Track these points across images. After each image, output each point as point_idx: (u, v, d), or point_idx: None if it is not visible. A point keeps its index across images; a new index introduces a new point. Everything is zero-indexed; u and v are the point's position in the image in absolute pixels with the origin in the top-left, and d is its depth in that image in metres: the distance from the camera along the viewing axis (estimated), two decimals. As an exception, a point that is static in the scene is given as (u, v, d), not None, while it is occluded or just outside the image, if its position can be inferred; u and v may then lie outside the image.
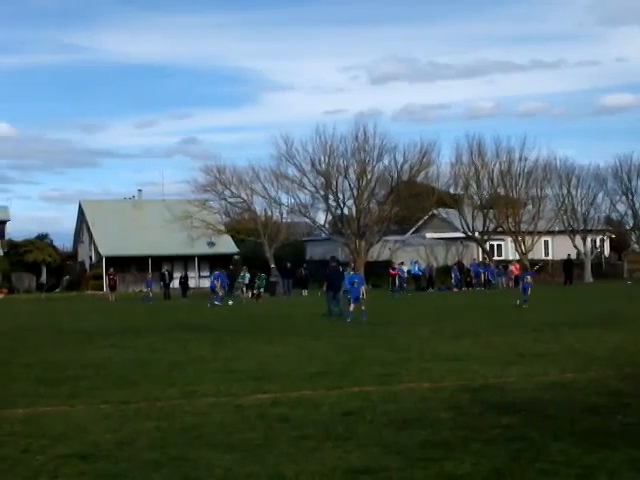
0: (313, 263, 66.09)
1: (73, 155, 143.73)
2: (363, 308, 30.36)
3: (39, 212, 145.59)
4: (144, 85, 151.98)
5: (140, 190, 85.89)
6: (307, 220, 73.52)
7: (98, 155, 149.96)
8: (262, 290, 48.86)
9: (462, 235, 70.30)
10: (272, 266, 59.48)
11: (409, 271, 60.18)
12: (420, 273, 60.88)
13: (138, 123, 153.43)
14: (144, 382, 15.18)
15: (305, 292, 57.30)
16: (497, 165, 71.10)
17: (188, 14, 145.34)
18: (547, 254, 75.15)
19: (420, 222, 76.98)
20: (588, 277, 68.62)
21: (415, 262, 62.01)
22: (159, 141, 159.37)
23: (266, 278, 48.78)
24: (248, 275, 51.27)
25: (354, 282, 31.42)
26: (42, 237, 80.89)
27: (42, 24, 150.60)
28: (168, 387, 14.42)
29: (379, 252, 68.75)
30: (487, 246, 70.43)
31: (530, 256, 69.05)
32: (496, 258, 70.26)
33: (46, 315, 39.32)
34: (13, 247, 76.30)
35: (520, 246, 69.60)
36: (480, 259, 67.58)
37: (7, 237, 79.17)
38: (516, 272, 59.47)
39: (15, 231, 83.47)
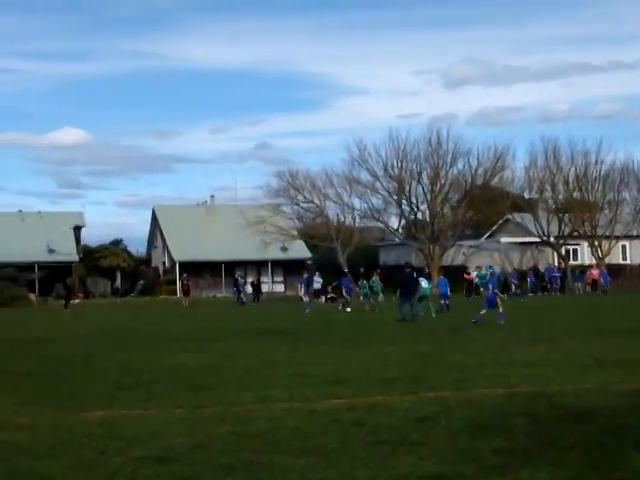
0: (386, 268, 65.87)
1: (147, 161, 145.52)
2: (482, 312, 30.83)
3: (114, 218, 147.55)
4: (218, 91, 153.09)
5: (213, 195, 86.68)
6: (380, 225, 73.40)
7: (172, 161, 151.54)
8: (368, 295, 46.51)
9: (537, 240, 69.54)
10: (345, 271, 59.34)
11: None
12: (495, 278, 60.28)
13: (212, 128, 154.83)
14: (218, 387, 15.24)
15: (381, 297, 57.12)
16: (572, 169, 70.19)
17: (262, 19, 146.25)
18: (625, 259, 74.00)
19: (494, 227, 76.33)
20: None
21: (490, 267, 61.48)
22: (233, 146, 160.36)
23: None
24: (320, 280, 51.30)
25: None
26: (117, 242, 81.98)
27: (115, 33, 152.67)
28: (242, 392, 14.44)
29: (453, 257, 68.31)
30: (562, 251, 69.55)
31: (607, 261, 68.07)
32: (572, 263, 69.35)
33: (121, 320, 39.78)
34: (88, 253, 77.41)
35: (597, 251, 68.62)
36: (556, 264, 66.77)
37: (82, 243, 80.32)
38: (595, 277, 58.70)
39: (90, 237, 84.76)
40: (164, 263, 78.65)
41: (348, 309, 42.33)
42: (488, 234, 76.88)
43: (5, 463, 9.49)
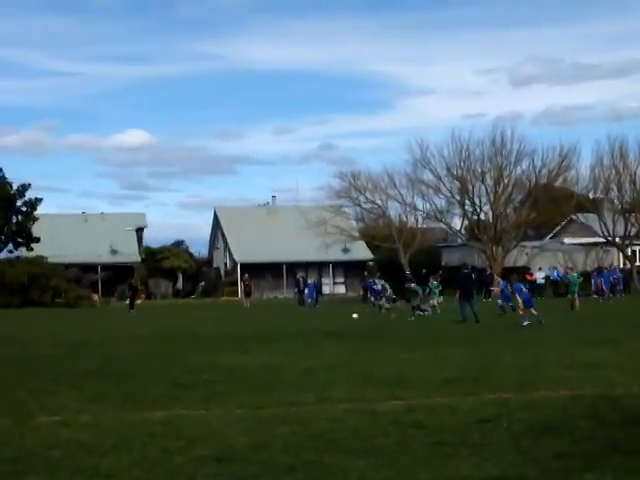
0: (449, 269, 65.50)
1: (210, 162, 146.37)
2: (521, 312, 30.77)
3: (176, 219, 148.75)
4: (282, 92, 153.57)
5: (274, 196, 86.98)
6: (443, 226, 73.04)
7: (235, 162, 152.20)
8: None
9: (602, 240, 68.60)
10: (407, 272, 59.16)
11: (547, 277, 59.17)
12: (559, 279, 59.69)
13: (275, 130, 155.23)
14: (279, 387, 15.27)
15: (441, 298, 56.77)
16: (640, 167, 68.87)
17: (325, 19, 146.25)
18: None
19: (558, 227, 75.44)
20: None
21: (553, 268, 60.91)
22: (296, 147, 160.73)
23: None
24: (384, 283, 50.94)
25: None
26: (178, 244, 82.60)
27: (179, 35, 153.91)
28: (302, 392, 14.45)
29: (516, 258, 67.72)
30: (629, 251, 68.51)
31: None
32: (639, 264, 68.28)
33: (183, 320, 40.06)
34: (150, 254, 78.10)
35: (665, 251, 67.48)
36: (621, 265, 65.84)
37: (145, 244, 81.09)
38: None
39: (152, 238, 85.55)
40: (226, 264, 79.06)
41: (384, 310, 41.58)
42: (552, 235, 75.99)
43: (70, 460, 9.61)
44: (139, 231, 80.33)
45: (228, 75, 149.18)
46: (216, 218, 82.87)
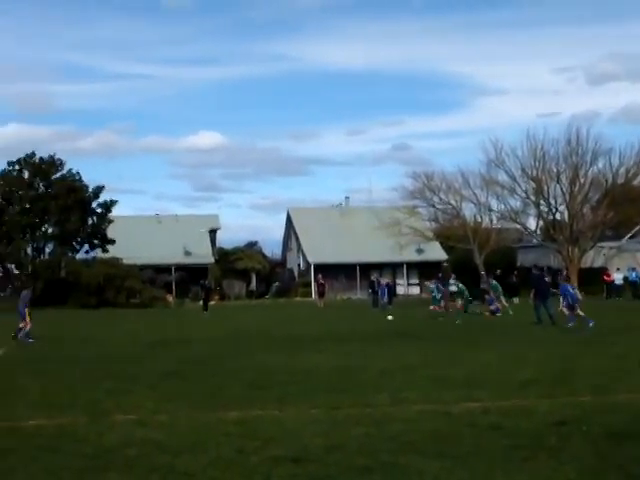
0: (524, 270, 64.78)
1: (283, 163, 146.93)
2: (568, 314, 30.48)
3: (249, 220, 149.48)
4: (354, 92, 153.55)
5: (348, 197, 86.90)
6: (518, 226, 72.25)
7: (308, 163, 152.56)
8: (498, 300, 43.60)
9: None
10: (482, 273, 58.72)
11: (626, 278, 58.20)
12: (638, 280, 58.68)
13: (349, 130, 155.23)
14: (353, 388, 15.23)
15: (516, 300, 56.24)
16: None
17: (399, 19, 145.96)
18: None
19: (637, 227, 74.14)
20: None
21: (632, 269, 59.88)
22: (369, 148, 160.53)
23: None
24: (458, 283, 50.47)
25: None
26: (252, 245, 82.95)
27: (252, 35, 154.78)
28: (377, 393, 14.39)
29: (593, 258, 66.72)
30: None
31: None
32: None
33: (257, 321, 40.20)
34: (224, 255, 78.56)
35: None
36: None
37: (218, 245, 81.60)
38: None
39: (226, 239, 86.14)
40: (299, 265, 79.24)
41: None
42: (630, 235, 74.69)
43: (146, 458, 9.69)
44: (213, 232, 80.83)
45: (302, 76, 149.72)
46: (289, 219, 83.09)
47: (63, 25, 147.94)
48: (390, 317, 38.10)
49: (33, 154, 63.64)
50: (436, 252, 74.46)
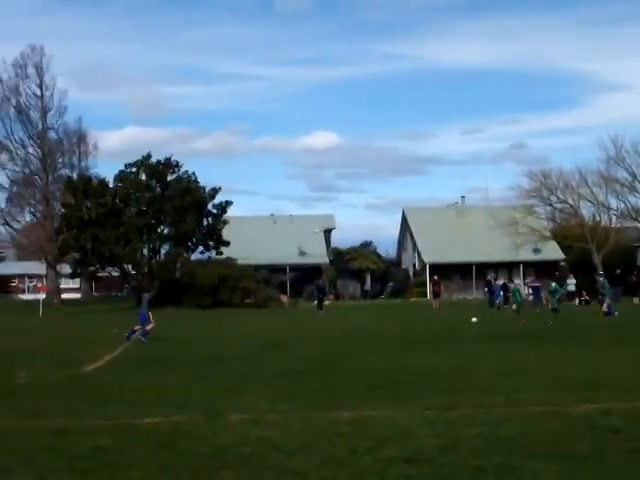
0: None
1: (399, 163, 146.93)
2: None
3: (364, 220, 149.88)
4: (470, 91, 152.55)
5: (463, 197, 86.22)
6: (638, 225, 70.61)
7: (424, 162, 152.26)
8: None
9: None
10: (600, 272, 57.60)
11: None
12: None
13: (465, 129, 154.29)
14: (467, 389, 15.07)
15: (636, 300, 54.95)
16: None
17: (516, 17, 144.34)
18: None
19: None
20: None
21: None
22: (486, 147, 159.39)
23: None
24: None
25: None
26: (366, 245, 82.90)
27: (366, 35, 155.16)
28: (492, 394, 14.20)
29: None
30: None
31: None
32: None
33: (371, 321, 40.15)
34: (338, 255, 78.74)
35: None
36: None
37: (333, 245, 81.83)
38: None
39: (340, 239, 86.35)
40: (414, 265, 78.93)
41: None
42: None
43: (260, 457, 9.74)
44: (327, 232, 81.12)
45: (417, 75, 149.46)
46: (405, 219, 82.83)
47: (179, 28, 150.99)
48: (474, 319, 36.68)
49: (149, 156, 64.78)
50: (553, 251, 73.26)
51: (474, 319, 36.50)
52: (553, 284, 39.65)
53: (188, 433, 11.28)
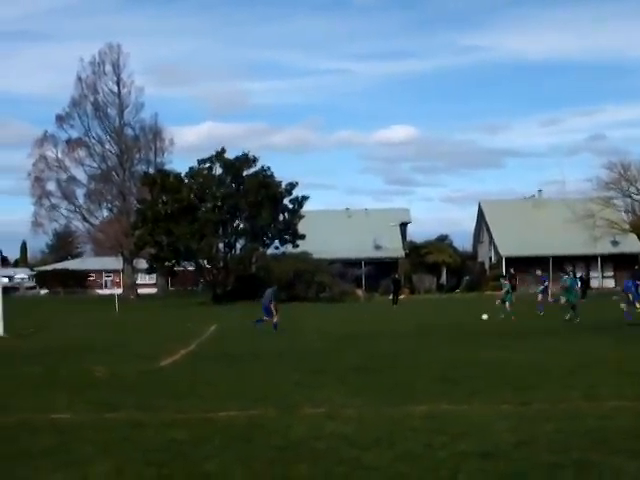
0: None
1: (476, 156, 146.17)
2: None
3: (440, 213, 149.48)
4: (548, 82, 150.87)
5: (540, 190, 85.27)
6: None
7: (500, 155, 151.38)
8: None
9: None
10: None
11: None
12: None
13: (542, 121, 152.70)
14: (543, 383, 14.91)
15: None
16: None
17: (590, 7, 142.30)
18: None
19: None
20: None
21: None
22: (564, 139, 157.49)
23: None
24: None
25: None
26: (442, 238, 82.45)
27: (441, 28, 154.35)
28: (568, 389, 14.03)
29: None
30: None
31: None
32: None
33: (446, 315, 39.96)
34: (414, 249, 78.45)
35: None
36: None
37: (408, 239, 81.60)
38: None
39: (416, 233, 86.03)
40: (490, 258, 78.35)
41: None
42: None
43: (333, 452, 9.74)
44: (403, 226, 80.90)
45: (494, 68, 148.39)
46: (480, 212, 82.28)
47: (256, 23, 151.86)
48: (485, 316, 35.14)
49: (223, 151, 65.14)
50: (632, 244, 72.13)
51: (485, 316, 35.21)
52: (566, 277, 37.75)
53: (262, 427, 11.33)
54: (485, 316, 35.01)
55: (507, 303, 37.50)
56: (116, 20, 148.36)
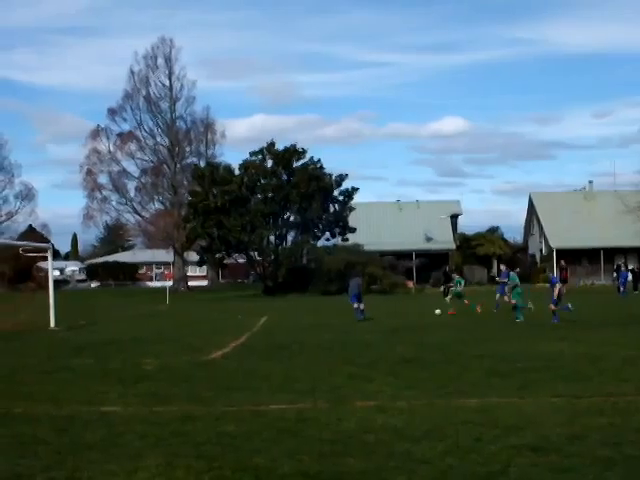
0: None
1: (526, 148, 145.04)
2: None
3: (491, 205, 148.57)
4: (599, 74, 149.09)
5: (591, 181, 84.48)
6: None
7: (551, 147, 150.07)
8: None
9: None
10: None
11: None
12: None
13: (594, 113, 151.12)
14: (596, 376, 14.74)
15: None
16: None
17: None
18: None
19: None
20: None
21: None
22: (616, 130, 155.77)
23: None
24: None
25: None
26: (493, 230, 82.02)
27: (494, 20, 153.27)
28: (621, 382, 13.87)
29: None
30: None
31: None
32: None
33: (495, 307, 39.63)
34: (465, 241, 78.09)
35: None
36: None
37: (459, 231, 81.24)
38: None
39: (467, 225, 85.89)
40: (541, 250, 77.79)
41: None
42: None
43: (384, 445, 9.70)
44: (454, 218, 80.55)
45: (545, 59, 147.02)
46: (531, 204, 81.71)
47: (307, 16, 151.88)
48: (438, 311, 34.25)
49: (273, 143, 65.24)
50: (686, 236, 71.14)
51: (437, 311, 34.48)
52: (512, 275, 35.13)
53: (313, 419, 11.32)
54: (438, 311, 34.38)
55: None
56: (170, 14, 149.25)
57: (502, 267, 39.27)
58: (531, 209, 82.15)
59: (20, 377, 16.70)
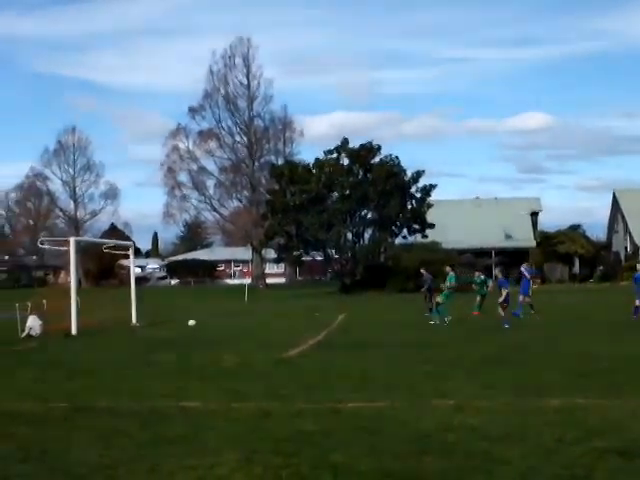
0: None
1: (612, 143, 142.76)
2: None
3: (573, 202, 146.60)
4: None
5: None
6: None
7: (636, 142, 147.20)
8: None
9: None
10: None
11: None
12: None
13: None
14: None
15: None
16: None
17: None
18: None
19: None
20: None
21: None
22: None
23: None
24: None
25: None
26: (574, 228, 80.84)
27: (574, 13, 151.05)
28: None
29: None
30: None
31: None
32: None
33: (581, 306, 39.08)
34: (545, 238, 77.12)
35: None
36: None
37: (540, 228, 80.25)
38: None
39: (548, 222, 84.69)
40: (626, 248, 76.53)
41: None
42: None
43: (463, 444, 9.55)
44: (534, 215, 79.63)
45: (630, 52, 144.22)
46: (615, 201, 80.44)
47: (384, 14, 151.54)
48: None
49: (347, 141, 65.17)
50: None
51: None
52: (478, 275, 35.99)
53: (391, 418, 11.21)
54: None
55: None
56: (248, 13, 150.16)
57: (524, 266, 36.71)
58: (615, 206, 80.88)
59: (104, 372, 16.93)
